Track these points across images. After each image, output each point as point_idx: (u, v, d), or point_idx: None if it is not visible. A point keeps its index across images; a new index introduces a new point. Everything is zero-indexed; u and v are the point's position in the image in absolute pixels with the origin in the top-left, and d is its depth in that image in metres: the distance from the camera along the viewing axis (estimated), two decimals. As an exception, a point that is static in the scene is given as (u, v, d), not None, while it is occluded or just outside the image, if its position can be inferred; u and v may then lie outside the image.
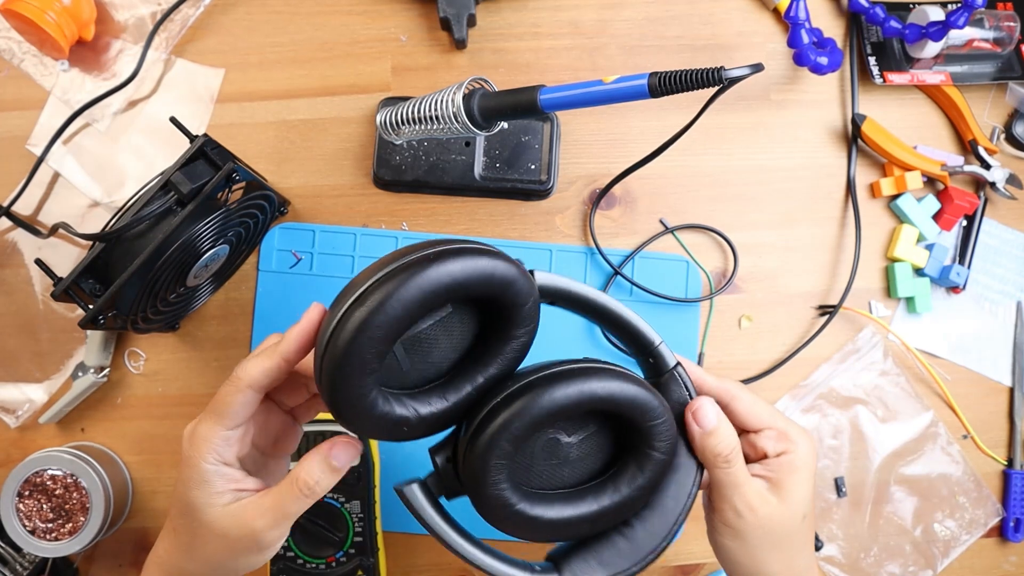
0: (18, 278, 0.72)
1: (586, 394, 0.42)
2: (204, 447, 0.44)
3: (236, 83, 0.74)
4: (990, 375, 0.74)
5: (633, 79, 0.53)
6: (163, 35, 0.73)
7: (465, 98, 0.59)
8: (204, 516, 0.45)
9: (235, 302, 0.72)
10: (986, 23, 0.73)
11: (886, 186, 0.73)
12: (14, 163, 0.72)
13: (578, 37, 0.75)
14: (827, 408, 0.73)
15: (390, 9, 0.74)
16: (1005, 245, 0.75)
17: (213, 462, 0.44)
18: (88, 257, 0.58)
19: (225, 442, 0.45)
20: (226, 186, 0.61)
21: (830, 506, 0.72)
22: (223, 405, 0.44)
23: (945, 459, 0.73)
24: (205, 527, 0.45)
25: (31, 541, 0.65)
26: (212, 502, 0.44)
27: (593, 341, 0.71)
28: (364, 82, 0.74)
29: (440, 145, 0.71)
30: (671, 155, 0.62)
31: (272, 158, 0.73)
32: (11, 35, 0.73)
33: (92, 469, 0.66)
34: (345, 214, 0.73)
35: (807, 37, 0.70)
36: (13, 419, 0.71)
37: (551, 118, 0.72)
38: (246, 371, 0.44)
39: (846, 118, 0.75)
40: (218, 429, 0.44)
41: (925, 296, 0.73)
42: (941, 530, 0.72)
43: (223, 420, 0.44)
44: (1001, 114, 0.76)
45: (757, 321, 0.73)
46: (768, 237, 0.74)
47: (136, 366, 0.72)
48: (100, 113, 0.73)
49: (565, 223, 0.73)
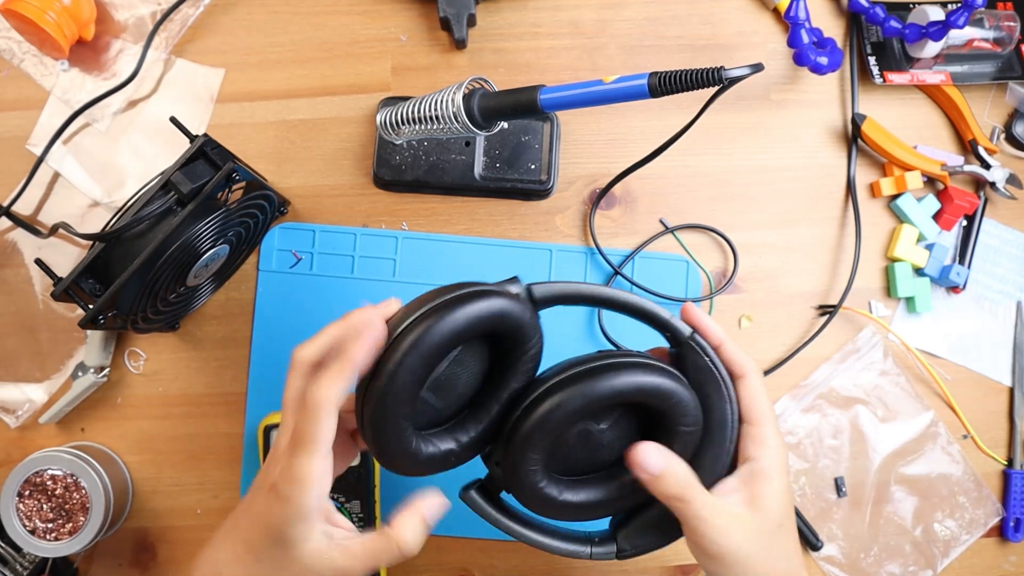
0: (18, 278, 0.72)
1: (607, 390, 0.45)
2: (307, 484, 0.42)
3: (236, 83, 0.74)
4: (990, 375, 0.74)
5: (633, 79, 0.53)
6: (163, 35, 0.73)
7: (465, 98, 0.59)
8: (299, 552, 0.43)
9: (235, 302, 0.72)
10: (986, 23, 0.73)
11: (886, 186, 0.73)
12: (14, 163, 0.72)
13: (578, 37, 0.75)
14: (827, 408, 0.73)
15: (390, 9, 0.74)
16: (1005, 245, 0.75)
17: (319, 501, 0.42)
18: (88, 257, 0.58)
19: (325, 475, 0.42)
20: (226, 186, 0.61)
21: (830, 506, 0.72)
22: (313, 434, 0.42)
23: (945, 459, 0.73)
24: (298, 563, 0.43)
25: (31, 541, 0.65)
26: (310, 538, 0.43)
27: (591, 332, 0.71)
28: (364, 82, 0.74)
29: (440, 145, 0.71)
30: (671, 155, 0.62)
31: (272, 158, 0.73)
32: (11, 35, 0.73)
33: (92, 469, 0.66)
34: (345, 214, 0.73)
35: (807, 37, 0.70)
36: (13, 419, 0.71)
37: (551, 118, 0.72)
38: (328, 393, 0.42)
39: (846, 118, 0.75)
40: (316, 462, 0.42)
41: (925, 296, 0.73)
42: (941, 530, 0.72)
43: (319, 451, 0.42)
44: (1001, 114, 0.76)
45: (757, 321, 0.73)
46: (768, 237, 0.74)
47: (136, 366, 0.72)
48: (100, 113, 0.73)
49: (565, 223, 0.73)
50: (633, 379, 0.45)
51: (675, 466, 0.46)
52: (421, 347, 0.42)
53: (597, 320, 0.71)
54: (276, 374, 0.71)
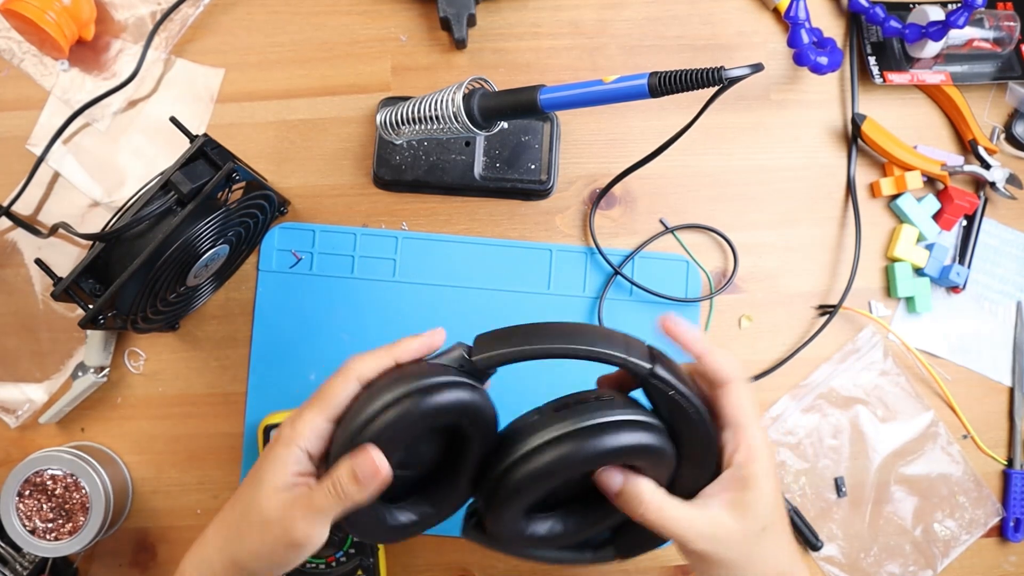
0: (18, 278, 0.72)
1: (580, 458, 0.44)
2: (306, 430, 0.45)
3: (236, 83, 0.74)
4: (990, 375, 0.74)
5: (633, 79, 0.53)
6: (163, 35, 0.73)
7: (465, 98, 0.59)
8: (261, 492, 0.45)
9: (235, 302, 0.72)
10: (986, 23, 0.73)
11: (886, 186, 0.73)
12: (14, 163, 0.72)
13: (578, 37, 0.75)
14: (827, 408, 0.73)
15: (390, 9, 0.74)
16: (1005, 245, 0.75)
17: (303, 447, 0.45)
18: (88, 257, 0.58)
19: (320, 432, 0.45)
20: (226, 186, 0.61)
21: (830, 506, 0.72)
22: (329, 394, 0.45)
23: (945, 459, 0.73)
24: (256, 504, 0.45)
25: (31, 541, 0.65)
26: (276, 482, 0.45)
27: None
28: (364, 82, 0.74)
29: (440, 145, 0.71)
30: (671, 155, 0.62)
31: (272, 158, 0.73)
32: (11, 35, 0.73)
33: (92, 469, 0.66)
34: (345, 214, 0.73)
35: (807, 37, 0.70)
36: (13, 419, 0.71)
37: (551, 118, 0.72)
38: (358, 364, 0.46)
39: (846, 118, 0.75)
40: (320, 418, 0.45)
41: (925, 296, 0.73)
42: (941, 530, 0.72)
43: (327, 409, 0.45)
44: (1001, 114, 0.76)
45: (757, 321, 0.73)
46: (768, 237, 0.74)
47: (136, 366, 0.72)
48: (100, 113, 0.73)
49: (565, 223, 0.73)
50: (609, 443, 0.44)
51: (634, 484, 0.47)
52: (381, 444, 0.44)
53: (597, 318, 0.71)
54: (276, 374, 0.71)
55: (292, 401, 0.70)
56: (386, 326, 0.71)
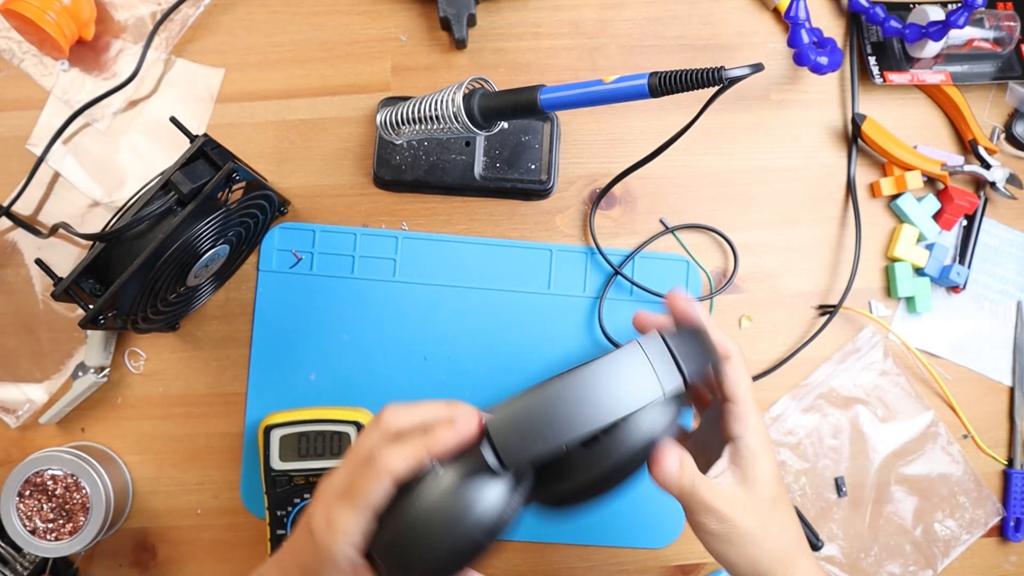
0: (18, 278, 0.72)
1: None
2: (343, 537, 0.43)
3: (236, 83, 0.74)
4: (990, 375, 0.74)
5: (633, 79, 0.53)
6: (163, 35, 0.73)
7: (465, 98, 0.59)
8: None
9: (235, 302, 0.72)
10: (986, 23, 0.73)
11: (886, 186, 0.73)
12: (14, 163, 0.72)
13: (578, 37, 0.75)
14: (827, 408, 0.73)
15: (390, 9, 0.74)
16: (1005, 245, 0.75)
17: (351, 553, 0.44)
18: (88, 257, 0.58)
19: (362, 533, 0.44)
20: (226, 186, 0.61)
21: (830, 506, 0.72)
22: (363, 495, 0.43)
23: (945, 459, 0.73)
24: None
25: (31, 541, 0.65)
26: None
27: (590, 329, 0.71)
28: (364, 82, 0.74)
29: (440, 145, 0.71)
30: (671, 155, 0.62)
31: (272, 158, 0.73)
32: (11, 35, 0.73)
33: (92, 469, 0.66)
34: (345, 214, 0.73)
35: (807, 37, 0.70)
36: (13, 419, 0.71)
37: (551, 118, 0.72)
38: (391, 461, 0.43)
39: (846, 118, 0.75)
40: (358, 520, 0.43)
41: (925, 296, 0.73)
42: (941, 530, 0.72)
43: (363, 512, 0.43)
44: (1001, 114, 0.76)
45: (757, 321, 0.73)
46: (768, 237, 0.74)
47: (136, 366, 0.72)
48: (100, 113, 0.73)
49: (565, 223, 0.73)
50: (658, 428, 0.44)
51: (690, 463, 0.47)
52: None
53: (597, 318, 0.71)
54: (276, 374, 0.71)
55: (292, 401, 0.70)
56: (386, 326, 0.71)
